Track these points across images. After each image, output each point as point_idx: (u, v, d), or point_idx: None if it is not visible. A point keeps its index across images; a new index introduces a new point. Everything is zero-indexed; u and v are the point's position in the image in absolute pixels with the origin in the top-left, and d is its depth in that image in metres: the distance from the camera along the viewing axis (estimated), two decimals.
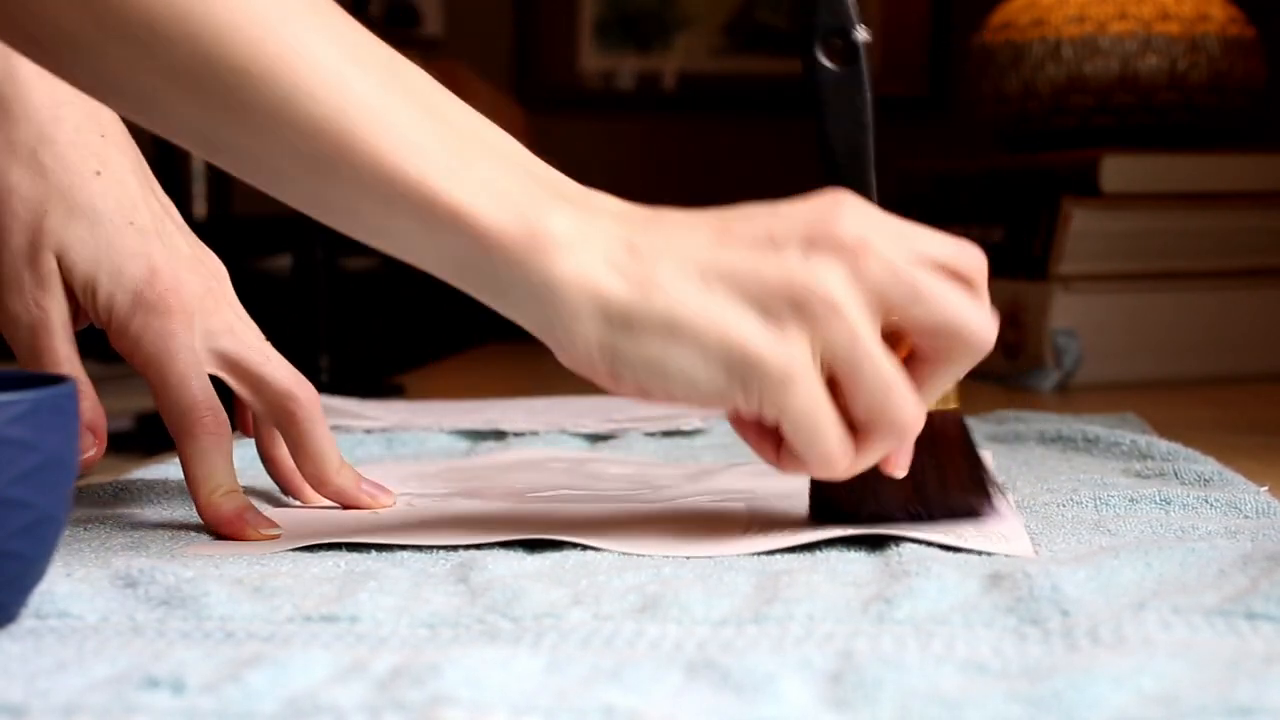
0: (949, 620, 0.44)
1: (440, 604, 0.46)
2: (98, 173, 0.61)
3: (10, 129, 0.61)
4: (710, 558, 0.53)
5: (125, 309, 0.60)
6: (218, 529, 0.59)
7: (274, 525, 0.59)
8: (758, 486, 0.67)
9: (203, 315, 0.62)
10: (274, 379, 0.63)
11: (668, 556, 0.54)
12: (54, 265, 0.60)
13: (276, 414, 0.63)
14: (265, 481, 0.67)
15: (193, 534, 0.59)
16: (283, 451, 0.65)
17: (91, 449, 0.59)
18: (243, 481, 0.62)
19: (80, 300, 0.61)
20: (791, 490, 0.61)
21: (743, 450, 0.82)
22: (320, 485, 0.64)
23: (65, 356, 0.60)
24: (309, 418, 0.63)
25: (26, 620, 0.45)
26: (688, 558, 0.54)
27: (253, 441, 0.67)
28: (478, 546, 0.55)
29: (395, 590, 0.48)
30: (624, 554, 0.54)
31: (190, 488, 0.60)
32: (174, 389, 0.60)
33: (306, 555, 0.55)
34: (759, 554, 0.54)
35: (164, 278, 0.61)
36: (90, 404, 0.60)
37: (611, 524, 0.59)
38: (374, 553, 0.55)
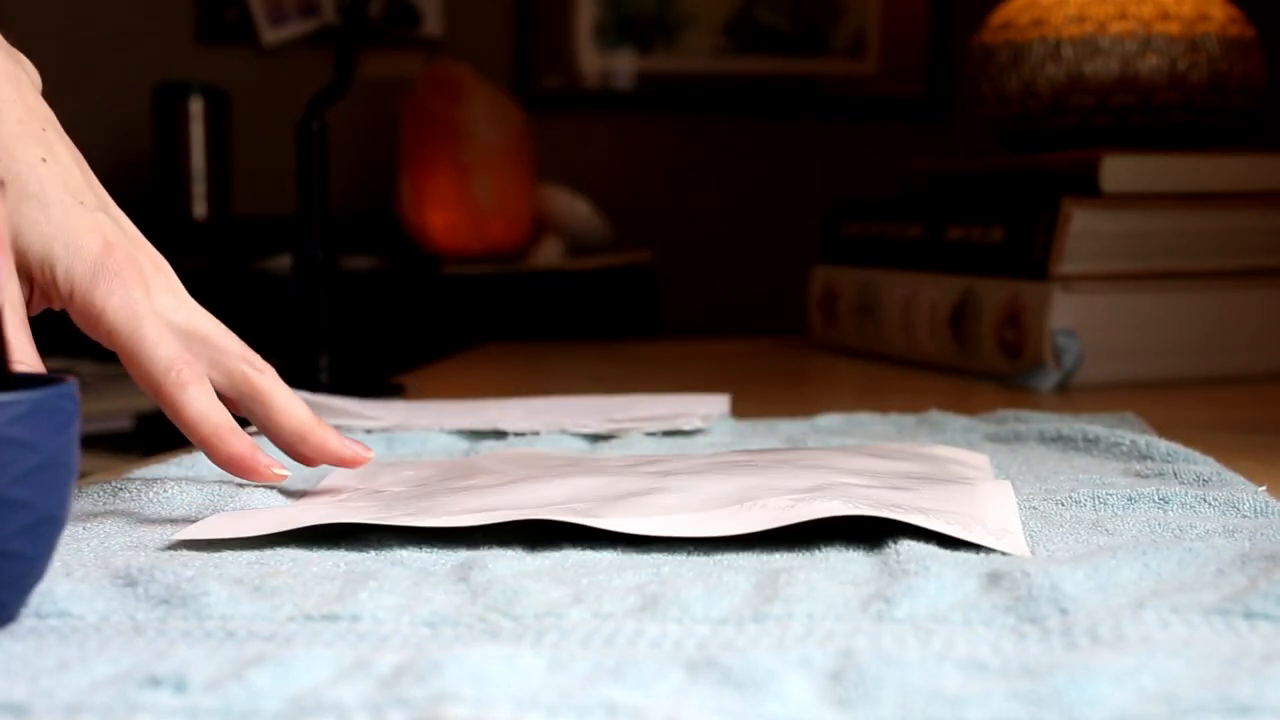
0: (948, 619, 0.44)
1: (441, 603, 0.47)
2: (44, 159, 0.62)
3: None
4: (709, 556, 0.54)
5: (86, 280, 0.61)
6: (230, 466, 0.60)
7: (283, 467, 0.61)
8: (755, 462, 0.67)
9: (157, 289, 0.63)
10: (231, 348, 0.64)
11: (667, 554, 0.54)
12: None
13: (239, 383, 0.64)
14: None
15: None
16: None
17: None
18: (226, 491, 0.62)
19: (39, 279, 0.62)
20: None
21: (743, 447, 0.82)
22: (303, 441, 0.64)
23: (20, 344, 0.60)
24: (274, 380, 0.65)
25: (27, 620, 0.45)
26: (687, 549, 0.54)
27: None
28: (477, 546, 0.55)
29: (396, 589, 0.48)
30: (624, 553, 0.54)
31: (190, 433, 0.61)
32: (149, 349, 0.61)
33: (306, 554, 0.55)
34: (758, 552, 0.54)
35: (119, 250, 0.62)
36: None
37: (610, 501, 0.59)
38: (374, 552, 0.55)
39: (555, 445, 0.84)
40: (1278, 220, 1.25)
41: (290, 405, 0.65)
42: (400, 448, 0.84)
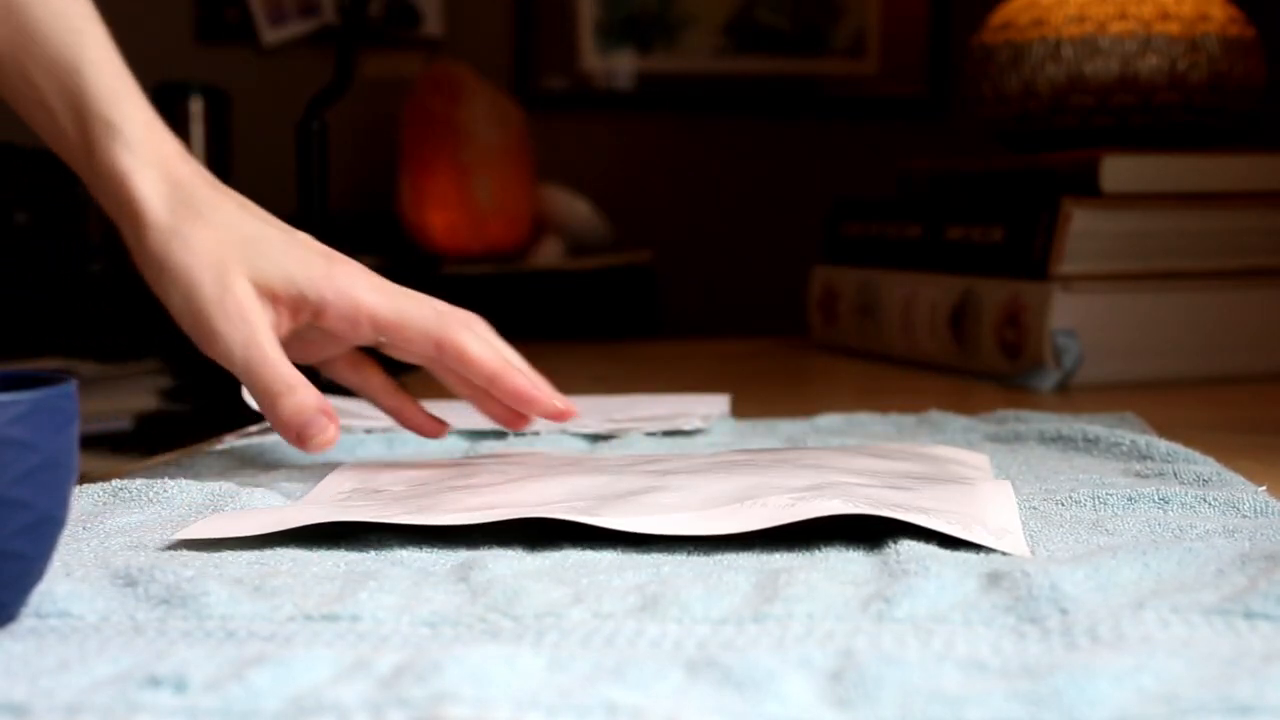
0: (948, 619, 0.44)
1: (441, 603, 0.47)
2: (240, 207, 0.71)
3: (177, 203, 0.70)
4: (709, 556, 0.54)
5: (332, 286, 0.70)
6: (515, 398, 0.72)
7: (567, 401, 0.74)
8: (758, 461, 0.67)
9: (372, 275, 0.72)
10: (440, 304, 0.74)
11: (667, 554, 0.54)
12: (249, 287, 0.68)
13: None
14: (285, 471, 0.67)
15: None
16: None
17: (330, 428, 0.67)
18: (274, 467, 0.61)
19: (286, 301, 0.69)
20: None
21: (743, 447, 0.82)
22: (501, 378, 0.72)
23: (279, 358, 0.68)
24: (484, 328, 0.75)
25: (27, 620, 0.45)
26: (687, 548, 0.54)
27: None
28: (477, 546, 0.55)
29: (396, 589, 0.48)
30: (624, 553, 0.54)
31: (478, 369, 0.71)
32: (416, 312, 0.71)
33: (306, 554, 0.55)
34: (758, 552, 0.54)
35: (335, 255, 0.71)
36: (314, 392, 0.68)
37: (610, 500, 0.59)
38: (374, 552, 0.55)
39: (555, 445, 0.84)
40: (1278, 220, 1.25)
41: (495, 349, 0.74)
42: (400, 448, 0.84)
